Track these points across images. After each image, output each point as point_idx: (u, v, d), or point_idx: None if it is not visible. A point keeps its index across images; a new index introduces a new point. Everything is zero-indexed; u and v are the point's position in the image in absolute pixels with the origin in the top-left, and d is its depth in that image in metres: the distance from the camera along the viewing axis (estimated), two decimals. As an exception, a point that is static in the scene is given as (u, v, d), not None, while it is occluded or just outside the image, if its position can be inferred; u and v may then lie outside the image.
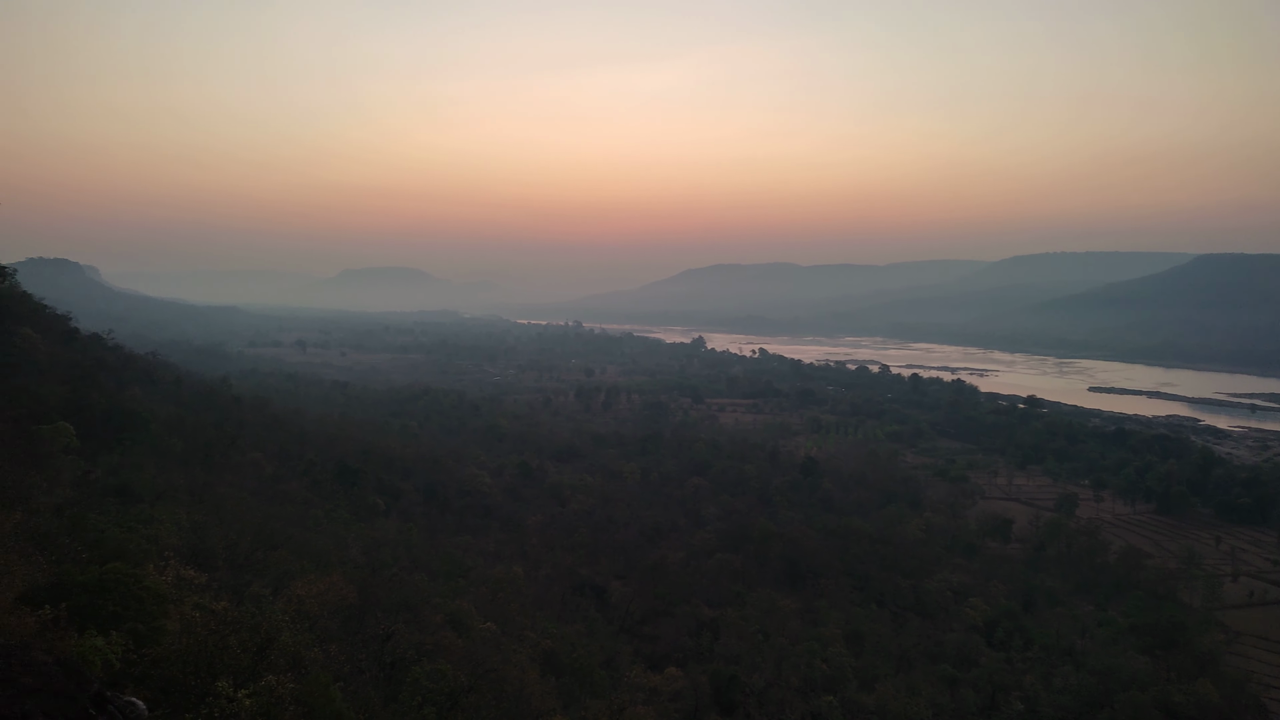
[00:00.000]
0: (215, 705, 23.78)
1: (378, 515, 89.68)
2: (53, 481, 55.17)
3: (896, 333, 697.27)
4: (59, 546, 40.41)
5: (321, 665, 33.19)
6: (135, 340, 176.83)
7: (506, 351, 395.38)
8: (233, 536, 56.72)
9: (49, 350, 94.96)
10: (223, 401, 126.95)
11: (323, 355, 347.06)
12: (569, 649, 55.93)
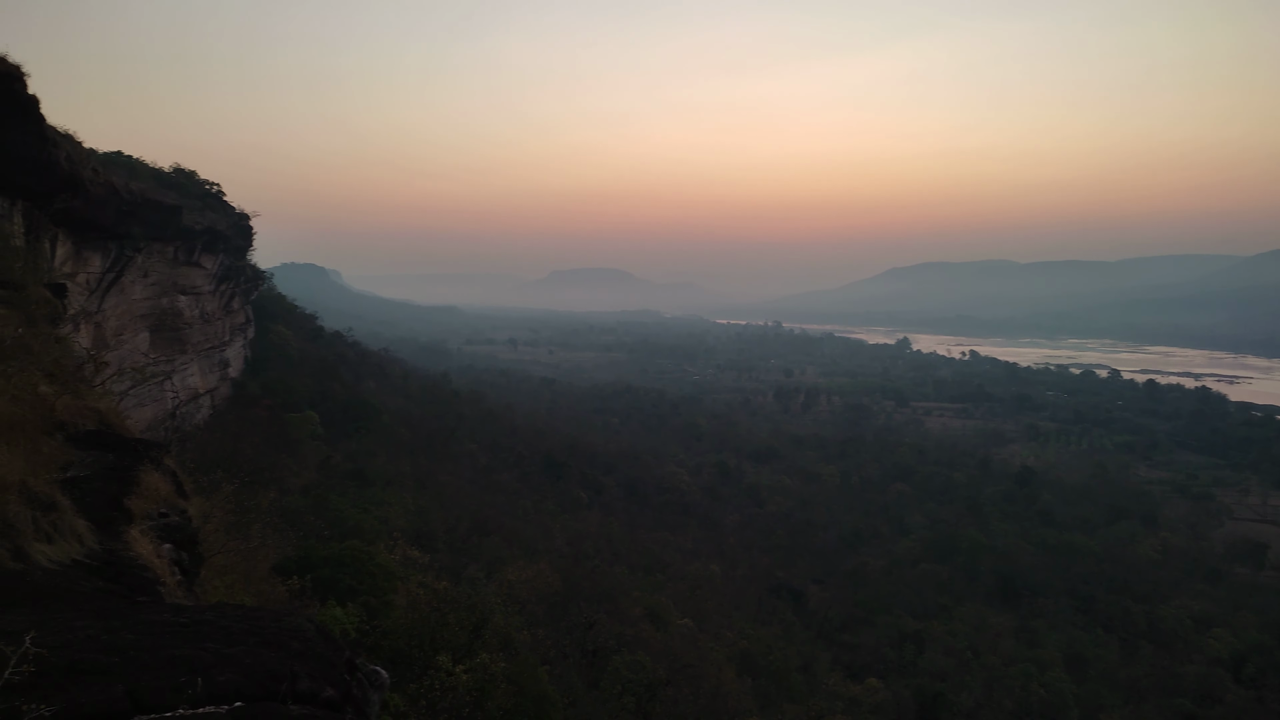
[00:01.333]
0: (436, 678, 25.57)
1: (581, 508, 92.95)
2: (301, 464, 61.41)
3: (1128, 335, 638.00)
4: (305, 523, 44.92)
5: (529, 647, 34.80)
6: (370, 337, 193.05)
7: (706, 351, 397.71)
8: (452, 521, 60.78)
9: (299, 346, 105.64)
10: (444, 395, 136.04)
11: (532, 353, 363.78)
12: (765, 650, 55.57)
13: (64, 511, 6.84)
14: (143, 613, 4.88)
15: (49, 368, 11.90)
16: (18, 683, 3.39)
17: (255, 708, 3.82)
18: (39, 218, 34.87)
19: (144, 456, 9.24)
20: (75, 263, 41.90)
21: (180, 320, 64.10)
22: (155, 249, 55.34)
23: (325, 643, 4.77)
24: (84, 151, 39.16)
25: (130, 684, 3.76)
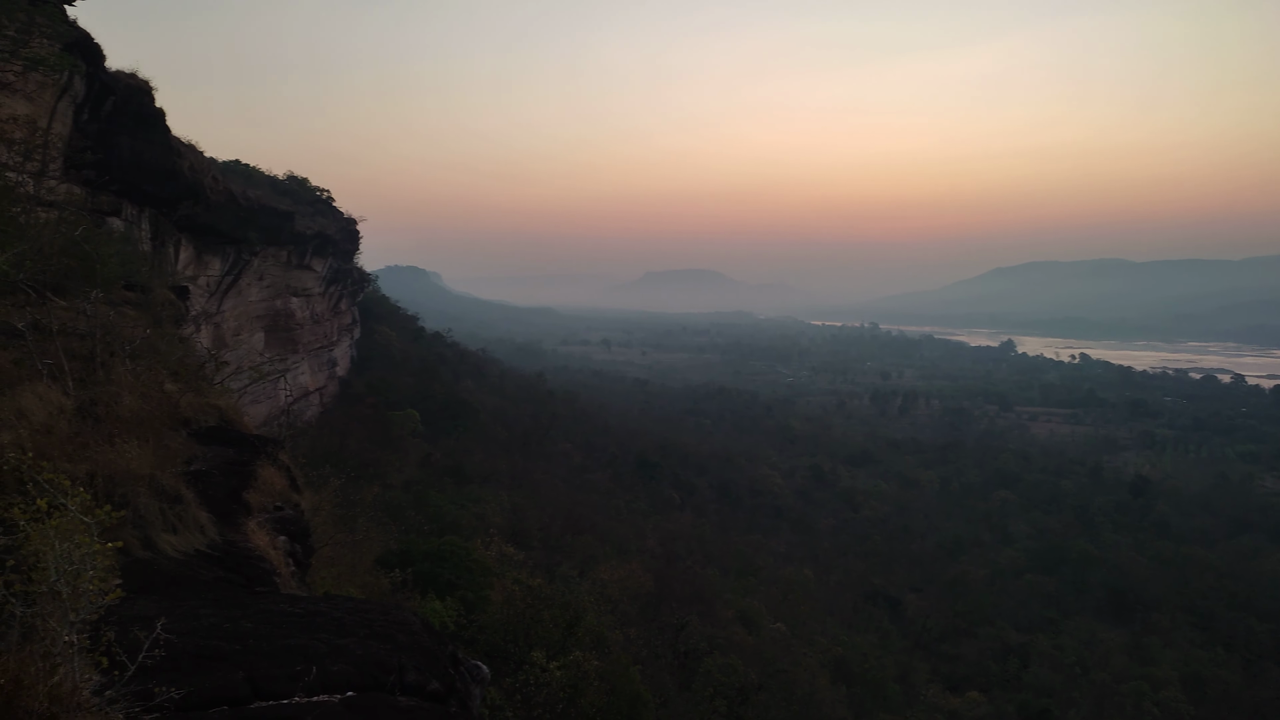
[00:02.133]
0: (531, 673, 26.01)
1: (673, 508, 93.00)
2: (402, 460, 63.32)
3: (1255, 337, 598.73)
4: (406, 518, 46.30)
5: (622, 647, 35.01)
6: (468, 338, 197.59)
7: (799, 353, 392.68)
8: (546, 519, 61.65)
9: (402, 346, 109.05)
10: (539, 395, 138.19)
11: (625, 354, 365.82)
12: (860, 658, 54.49)
13: (188, 504, 7.23)
14: (261, 602, 5.11)
15: (174, 367, 12.58)
16: (150, 666, 3.60)
17: (366, 698, 3.95)
18: (164, 224, 37.00)
19: (261, 452, 9.68)
20: (197, 266, 44.25)
21: (292, 321, 66.96)
22: (270, 253, 58.00)
23: (430, 636, 4.90)
24: (205, 160, 41.41)
25: (250, 671, 3.95)
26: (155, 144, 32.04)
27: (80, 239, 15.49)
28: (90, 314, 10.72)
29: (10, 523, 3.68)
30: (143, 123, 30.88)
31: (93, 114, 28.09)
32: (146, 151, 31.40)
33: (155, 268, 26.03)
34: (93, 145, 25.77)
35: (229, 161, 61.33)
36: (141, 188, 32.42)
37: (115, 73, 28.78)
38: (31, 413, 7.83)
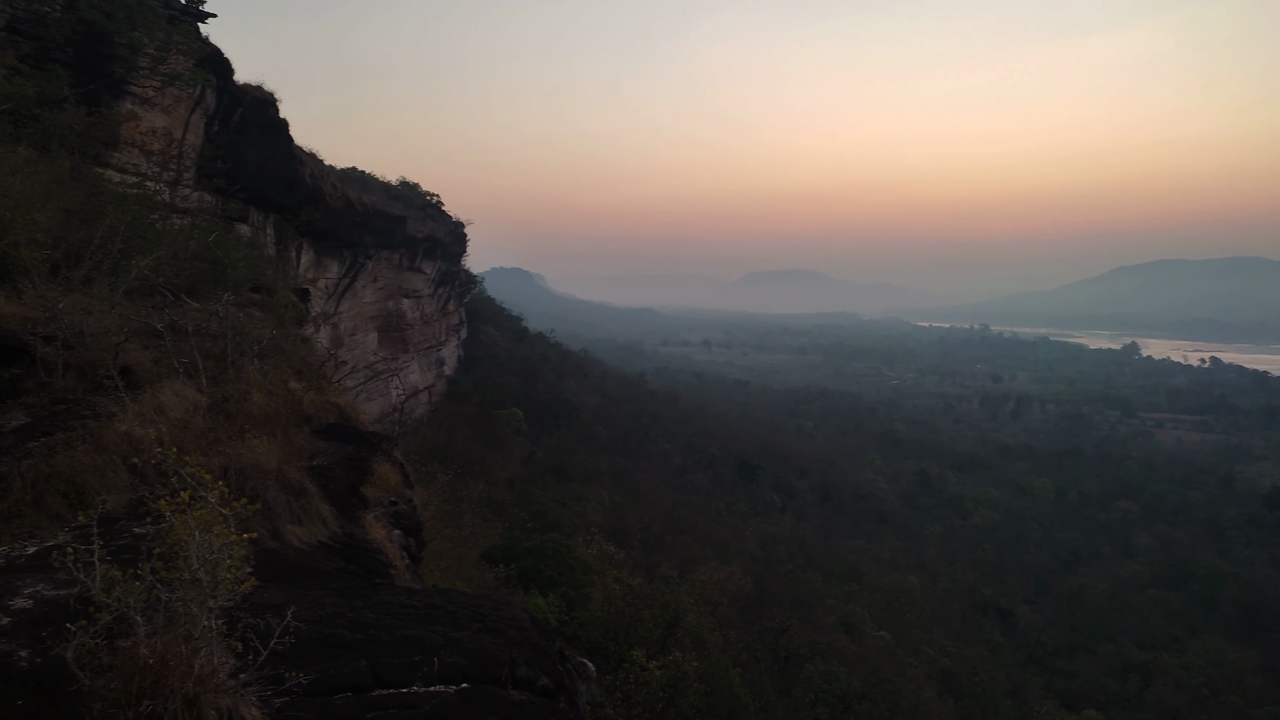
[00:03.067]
0: (630, 672, 26.17)
1: (773, 511, 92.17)
2: (507, 458, 64.76)
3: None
4: (510, 515, 47.38)
5: (721, 649, 34.88)
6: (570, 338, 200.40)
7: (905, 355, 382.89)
8: (646, 519, 61.98)
9: (506, 346, 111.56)
10: (639, 395, 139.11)
11: (726, 355, 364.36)
12: (969, 671, 52.72)
13: (311, 497, 7.57)
14: (380, 594, 5.31)
15: (297, 366, 13.20)
16: (281, 652, 3.79)
17: (480, 690, 4.06)
18: (287, 229, 38.90)
19: (376, 448, 10.05)
20: (316, 269, 46.34)
21: (403, 321, 69.35)
22: (383, 256, 60.22)
23: (539, 632, 5.00)
24: (325, 168, 43.31)
25: (372, 659, 4.12)
26: (279, 153, 33.70)
27: (212, 244, 16.39)
28: (222, 315, 11.32)
29: (157, 513, 3.94)
30: (268, 132, 32.53)
31: (223, 125, 29.74)
32: (271, 160, 33.06)
33: (279, 271, 27.36)
34: (222, 155, 27.25)
35: (346, 168, 64.00)
36: (267, 195, 34.16)
37: (243, 85, 30.40)
38: (170, 409, 8.34)
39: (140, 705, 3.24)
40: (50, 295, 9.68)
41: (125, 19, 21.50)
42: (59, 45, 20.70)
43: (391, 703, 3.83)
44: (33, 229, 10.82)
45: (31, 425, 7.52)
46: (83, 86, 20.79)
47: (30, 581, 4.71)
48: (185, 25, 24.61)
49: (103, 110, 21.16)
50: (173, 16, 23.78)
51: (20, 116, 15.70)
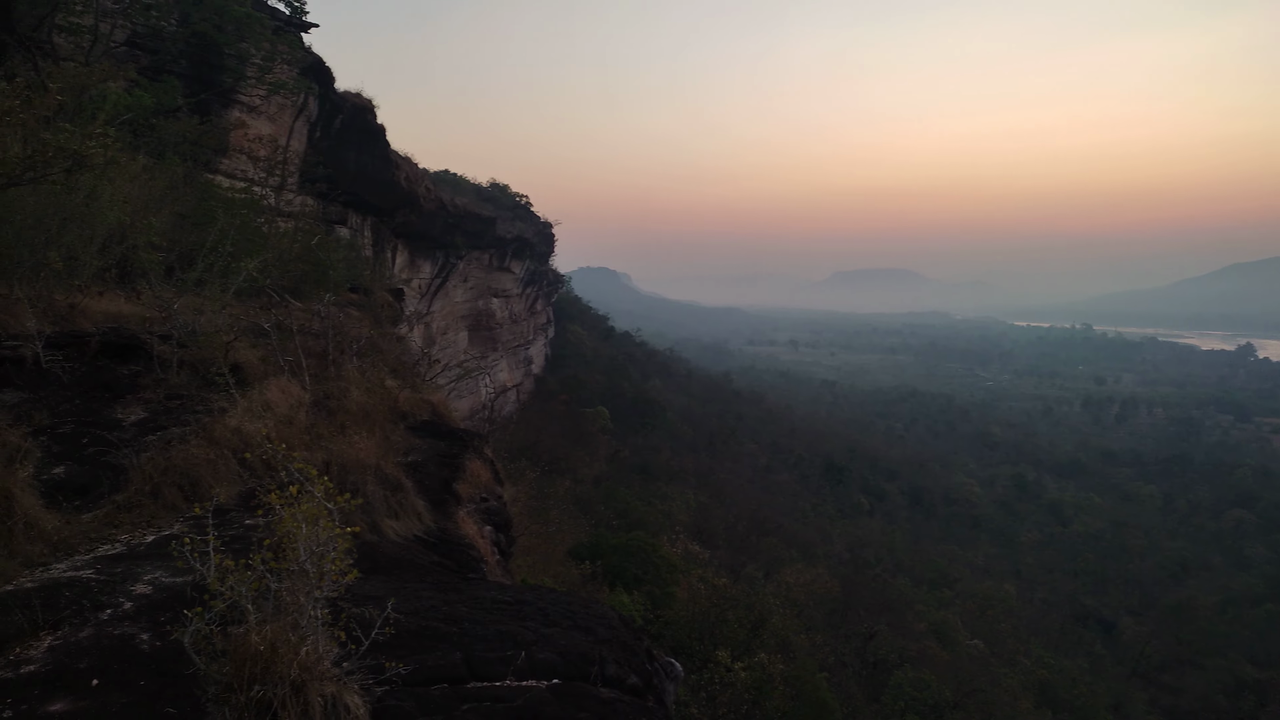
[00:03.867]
0: (715, 672, 26.10)
1: (861, 514, 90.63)
2: (592, 456, 65.36)
3: None
4: (595, 512, 47.81)
5: (807, 652, 34.49)
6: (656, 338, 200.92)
7: (1001, 355, 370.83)
8: (731, 519, 61.71)
9: (593, 345, 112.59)
10: (725, 395, 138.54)
11: (813, 354, 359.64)
12: (1068, 683, 50.75)
13: (407, 492, 7.79)
14: (473, 588, 5.43)
15: (392, 364, 13.60)
16: (382, 642, 3.92)
17: (571, 686, 4.11)
18: (383, 231, 40.10)
19: (468, 445, 10.26)
20: (410, 270, 47.64)
21: (492, 320, 70.69)
22: (474, 256, 61.52)
23: (628, 631, 5.03)
24: (419, 171, 44.50)
25: (466, 652, 4.22)
26: (377, 157, 34.78)
27: (315, 247, 17.00)
28: (323, 315, 11.75)
29: (267, 506, 4.12)
30: (366, 138, 33.61)
31: (324, 131, 30.86)
32: (369, 164, 34.15)
33: (376, 272, 28.24)
34: (324, 160, 28.31)
35: (439, 171, 65.58)
36: (364, 198, 35.30)
37: (343, 93, 31.47)
38: (276, 405, 8.69)
39: (251, 690, 3.40)
40: (166, 296, 10.21)
41: (234, 31, 22.54)
42: (174, 58, 21.82)
43: (486, 695, 3.91)
44: (150, 233, 11.42)
45: (149, 420, 7.95)
46: (195, 96, 21.87)
47: (149, 569, 4.98)
48: (289, 35, 25.65)
49: (213, 118, 22.21)
50: (278, 27, 24.82)
51: (139, 126, 16.60)
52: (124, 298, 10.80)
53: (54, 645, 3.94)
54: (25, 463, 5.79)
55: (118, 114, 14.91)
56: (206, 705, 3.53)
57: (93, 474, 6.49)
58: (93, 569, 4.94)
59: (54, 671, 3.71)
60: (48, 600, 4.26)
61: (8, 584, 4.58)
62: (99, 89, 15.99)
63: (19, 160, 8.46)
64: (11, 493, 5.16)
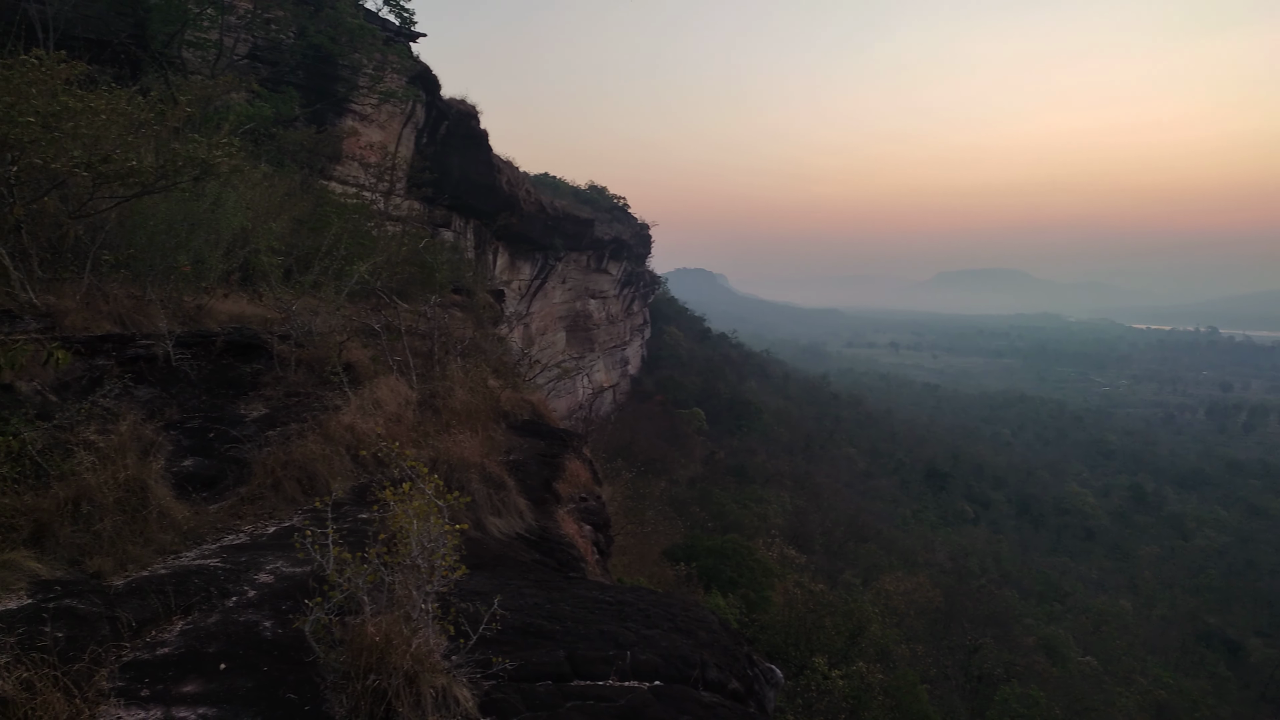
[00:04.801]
0: (812, 679, 25.71)
1: (965, 522, 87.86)
2: (688, 457, 65.33)
3: None
4: (690, 514, 47.76)
5: (908, 662, 33.62)
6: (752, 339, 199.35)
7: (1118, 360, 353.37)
8: (828, 524, 60.70)
9: (689, 346, 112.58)
10: (822, 397, 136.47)
11: (914, 357, 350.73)
12: (1189, 705, 47.95)
13: (510, 490, 7.94)
14: (574, 587, 5.49)
15: (494, 364, 13.90)
16: (489, 637, 4.00)
17: (672, 689, 4.11)
18: (485, 233, 41.03)
19: (568, 445, 10.40)
20: (510, 271, 48.60)
21: (590, 321, 71.46)
22: (572, 258, 62.33)
23: (728, 635, 5.00)
24: (520, 175, 45.38)
25: (569, 651, 4.26)
26: (480, 162, 35.63)
27: (421, 250, 17.52)
28: (429, 316, 12.10)
29: (382, 501, 4.27)
30: (470, 143, 34.47)
31: (430, 137, 31.79)
32: (472, 169, 35.00)
33: (478, 274, 28.92)
34: (430, 165, 29.15)
35: (539, 174, 66.75)
36: (468, 201, 36.20)
37: (449, 100, 32.34)
38: (385, 403, 9.00)
39: (367, 679, 3.52)
40: (285, 298, 10.70)
41: (348, 42, 23.46)
42: (292, 69, 22.86)
43: (589, 694, 3.94)
44: (270, 237, 11.99)
45: (269, 416, 8.34)
46: (311, 106, 22.86)
47: (271, 558, 5.22)
48: (399, 45, 26.53)
49: (327, 127, 23.19)
50: (388, 38, 25.71)
51: (260, 135, 17.46)
52: (246, 299, 11.37)
53: (185, 629, 4.17)
54: (158, 456, 6.15)
55: (241, 124, 15.71)
56: (325, 692, 3.68)
57: (219, 467, 6.84)
58: (219, 558, 5.20)
59: (186, 654, 3.92)
60: (179, 586, 4.51)
61: (143, 570, 4.88)
62: (224, 101, 16.87)
63: (153, 170, 8.99)
64: (146, 484, 5.49)
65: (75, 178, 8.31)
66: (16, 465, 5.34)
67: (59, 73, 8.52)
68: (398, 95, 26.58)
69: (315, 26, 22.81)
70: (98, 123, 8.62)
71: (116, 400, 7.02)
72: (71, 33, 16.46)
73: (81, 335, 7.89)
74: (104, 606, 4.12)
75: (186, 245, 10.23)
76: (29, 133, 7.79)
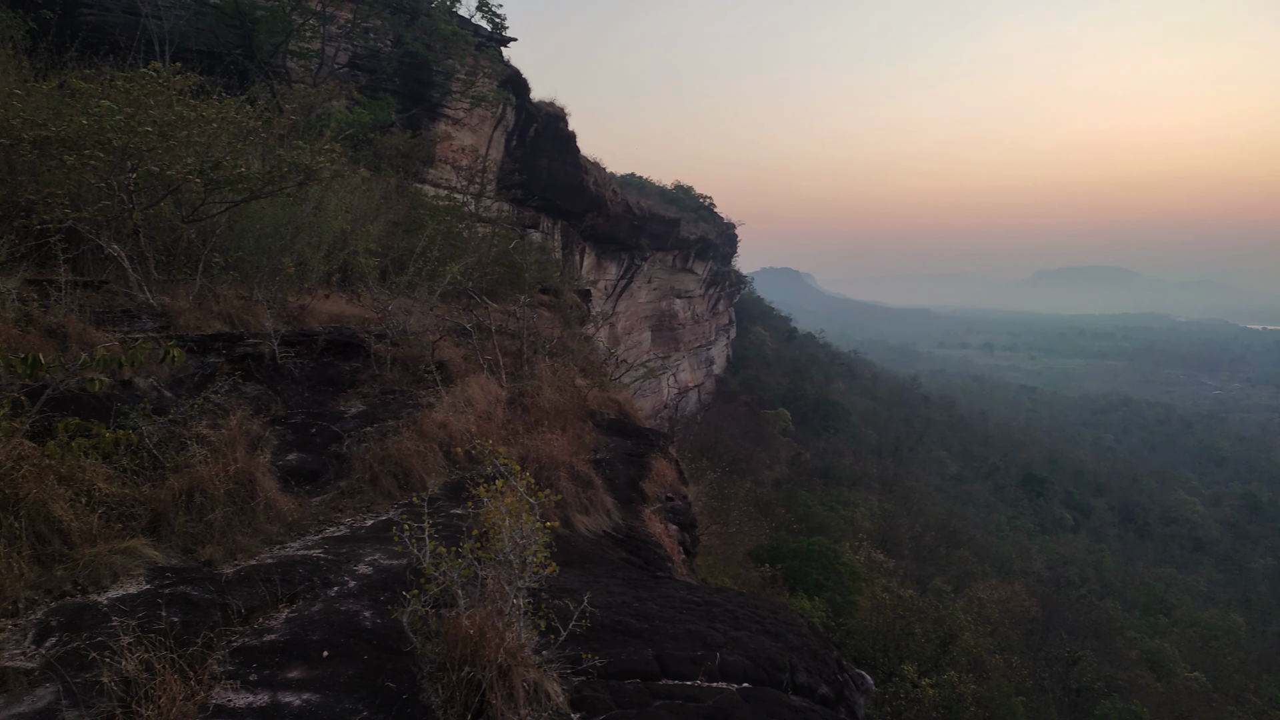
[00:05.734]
0: (900, 687, 25.17)
1: (1064, 529, 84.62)
2: (773, 458, 64.74)
3: None
4: (775, 515, 47.29)
5: (1002, 673, 32.59)
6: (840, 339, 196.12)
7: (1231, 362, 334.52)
8: (918, 529, 59.31)
9: (774, 346, 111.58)
10: (912, 399, 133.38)
11: (1010, 358, 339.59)
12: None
13: (597, 489, 8.01)
14: (662, 586, 5.51)
15: (581, 363, 14.05)
16: (578, 634, 4.05)
17: (761, 692, 4.08)
18: (572, 234, 41.48)
19: (654, 444, 10.43)
20: (597, 271, 49.01)
21: (675, 321, 71.50)
22: (657, 257, 62.48)
23: (818, 639, 4.94)
24: (606, 175, 45.73)
25: (657, 650, 4.28)
26: (568, 163, 36.04)
27: (511, 251, 17.83)
28: (519, 316, 12.30)
29: (476, 498, 4.37)
30: (558, 145, 34.90)
31: (519, 140, 32.31)
32: (560, 170, 35.43)
33: (565, 273, 29.27)
34: (519, 167, 29.63)
35: (625, 175, 67.13)
36: (555, 203, 36.66)
37: (538, 102, 32.81)
38: (476, 401, 9.19)
39: (462, 670, 3.61)
40: (381, 298, 11.04)
41: (442, 49, 24.06)
42: (389, 76, 23.56)
43: (677, 693, 3.95)
44: (368, 240, 12.39)
45: (367, 412, 8.62)
46: (406, 111, 23.52)
47: (370, 550, 5.39)
48: (490, 50, 27.05)
49: (422, 131, 23.80)
50: (480, 43, 26.24)
51: (358, 140, 18.06)
52: (345, 299, 11.78)
53: (291, 617, 4.35)
54: (264, 450, 6.43)
55: (341, 130, 16.27)
56: (421, 682, 3.78)
57: (320, 462, 7.11)
58: (321, 549, 5.41)
59: (291, 641, 4.09)
60: (285, 576, 4.71)
61: (251, 559, 5.11)
62: (325, 108, 17.51)
63: (259, 175, 9.40)
64: (254, 477, 5.74)
65: (189, 184, 8.75)
66: (135, 458, 5.66)
67: (174, 84, 8.98)
68: (489, 99, 27.09)
69: (411, 34, 23.46)
70: (209, 131, 9.06)
71: (226, 396, 7.37)
72: (186, 46, 17.35)
73: (194, 334, 8.30)
74: (215, 593, 4.33)
75: (290, 248, 10.67)
76: (147, 141, 8.24)
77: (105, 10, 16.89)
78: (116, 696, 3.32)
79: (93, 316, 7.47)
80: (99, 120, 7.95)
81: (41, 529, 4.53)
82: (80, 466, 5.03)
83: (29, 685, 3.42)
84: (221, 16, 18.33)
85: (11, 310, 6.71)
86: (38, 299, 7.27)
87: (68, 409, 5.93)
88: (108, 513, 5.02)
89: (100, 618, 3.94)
